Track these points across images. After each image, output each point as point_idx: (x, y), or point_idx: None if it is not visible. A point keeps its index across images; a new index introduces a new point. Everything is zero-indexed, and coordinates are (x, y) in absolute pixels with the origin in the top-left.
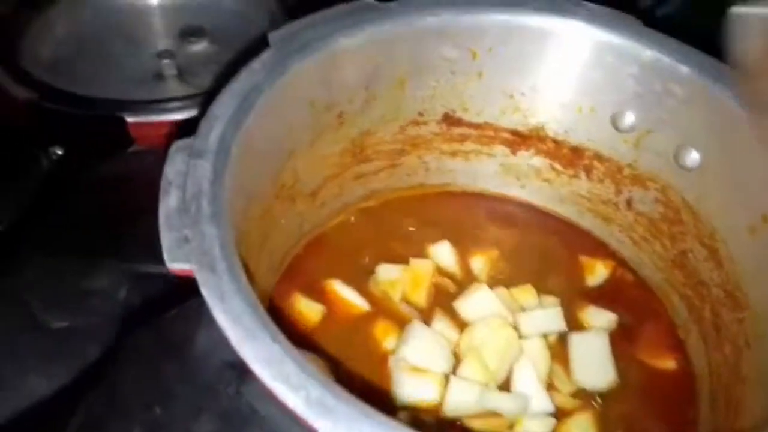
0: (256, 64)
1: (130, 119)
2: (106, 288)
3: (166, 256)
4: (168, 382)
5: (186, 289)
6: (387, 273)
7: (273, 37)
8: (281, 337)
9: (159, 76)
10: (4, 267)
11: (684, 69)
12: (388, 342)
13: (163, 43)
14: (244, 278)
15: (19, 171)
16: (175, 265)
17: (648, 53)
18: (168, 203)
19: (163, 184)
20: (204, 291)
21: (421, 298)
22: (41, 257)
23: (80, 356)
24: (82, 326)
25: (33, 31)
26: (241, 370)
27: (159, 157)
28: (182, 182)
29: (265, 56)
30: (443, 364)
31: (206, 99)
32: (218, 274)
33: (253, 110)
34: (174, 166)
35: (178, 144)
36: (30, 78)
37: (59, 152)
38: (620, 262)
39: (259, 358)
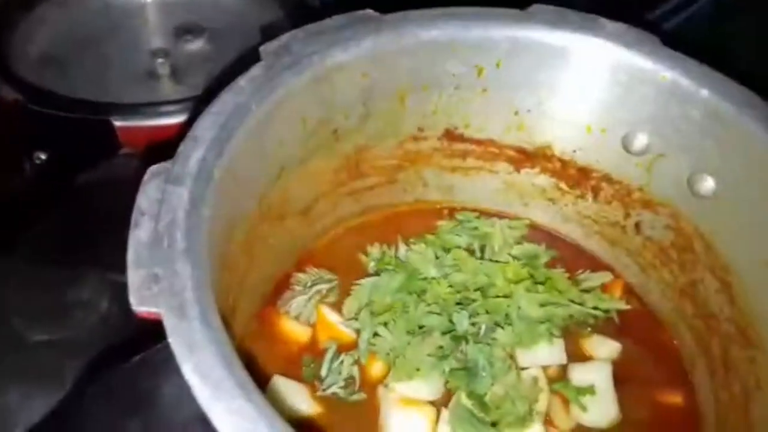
0: (243, 82)
1: (117, 123)
2: (88, 299)
3: (131, 298)
4: None
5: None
6: None
7: (265, 49)
8: (256, 395)
9: (152, 76)
10: None
11: (704, 92)
12: (375, 368)
13: (157, 41)
14: (218, 323)
15: (0, 176)
16: (142, 308)
17: (666, 74)
18: (138, 236)
19: (134, 215)
20: (172, 340)
21: None
22: (23, 267)
23: (58, 373)
24: (61, 340)
25: (23, 28)
26: (211, 427)
27: (147, 161)
28: (156, 212)
29: (254, 72)
30: (435, 395)
31: (195, 105)
32: (189, 321)
33: (239, 131)
34: (147, 195)
35: (153, 169)
36: (16, 77)
37: (43, 156)
38: (626, 288)
39: (230, 420)
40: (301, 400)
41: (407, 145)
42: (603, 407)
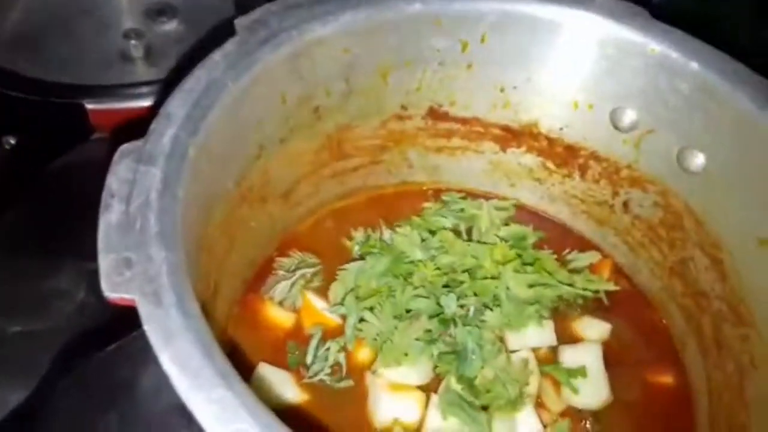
0: (217, 56)
1: (89, 106)
2: (65, 289)
3: (103, 284)
4: None
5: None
6: None
7: (240, 23)
8: (237, 384)
9: (126, 58)
10: None
11: (693, 65)
12: (362, 354)
13: (129, 22)
14: (195, 310)
15: None
16: (115, 295)
17: (655, 47)
18: (108, 219)
19: (104, 197)
20: (147, 329)
21: None
22: None
23: (35, 365)
24: (38, 331)
25: None
26: (191, 416)
27: (116, 144)
28: (127, 194)
29: (229, 47)
30: (424, 379)
31: (164, 87)
32: (165, 308)
33: (214, 108)
34: (118, 176)
35: (124, 148)
36: None
37: (13, 142)
38: (615, 268)
39: (210, 410)
40: (287, 387)
41: (391, 124)
42: (594, 389)
